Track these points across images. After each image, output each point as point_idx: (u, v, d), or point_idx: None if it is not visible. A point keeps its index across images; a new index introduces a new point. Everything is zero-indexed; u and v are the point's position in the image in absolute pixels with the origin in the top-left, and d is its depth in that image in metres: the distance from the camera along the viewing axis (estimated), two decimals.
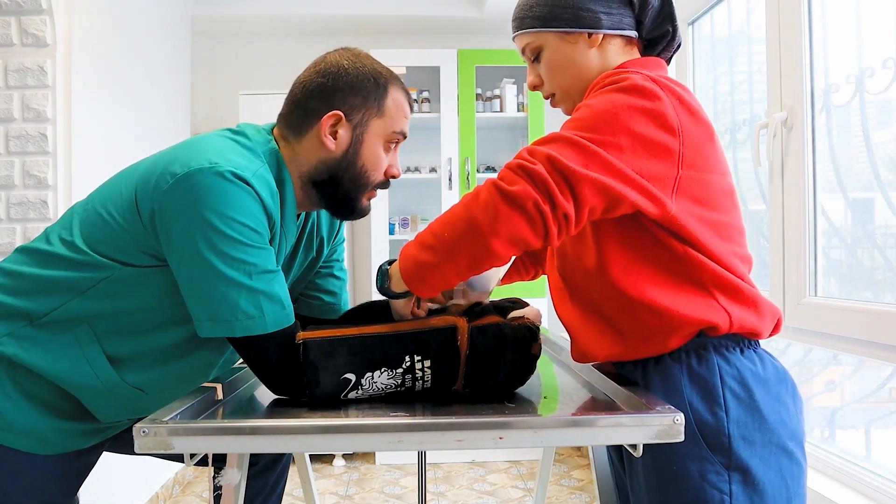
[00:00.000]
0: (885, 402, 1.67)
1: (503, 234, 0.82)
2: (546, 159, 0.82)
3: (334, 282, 1.32)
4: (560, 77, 1.01)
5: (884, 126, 1.54)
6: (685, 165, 0.87)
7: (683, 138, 0.86)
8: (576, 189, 0.81)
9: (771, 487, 0.87)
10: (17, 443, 1.01)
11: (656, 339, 0.90)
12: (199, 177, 0.92)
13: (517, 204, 0.81)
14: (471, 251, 0.85)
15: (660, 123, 0.85)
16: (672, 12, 1.01)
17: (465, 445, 0.82)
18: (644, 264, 0.90)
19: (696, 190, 0.88)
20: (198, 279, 0.93)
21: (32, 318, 1.01)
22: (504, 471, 3.10)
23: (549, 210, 0.81)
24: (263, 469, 1.31)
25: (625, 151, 0.83)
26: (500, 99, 3.36)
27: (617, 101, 0.85)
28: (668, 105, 0.86)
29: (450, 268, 0.88)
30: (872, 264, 1.61)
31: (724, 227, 0.91)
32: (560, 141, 0.84)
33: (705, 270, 0.88)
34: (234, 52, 3.68)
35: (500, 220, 0.82)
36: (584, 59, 0.99)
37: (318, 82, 1.07)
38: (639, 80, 0.87)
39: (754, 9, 2.00)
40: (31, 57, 1.98)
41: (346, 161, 1.08)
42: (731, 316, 0.89)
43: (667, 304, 0.88)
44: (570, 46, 0.99)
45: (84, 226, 1.03)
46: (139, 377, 1.06)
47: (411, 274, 0.91)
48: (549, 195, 0.81)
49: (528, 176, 0.82)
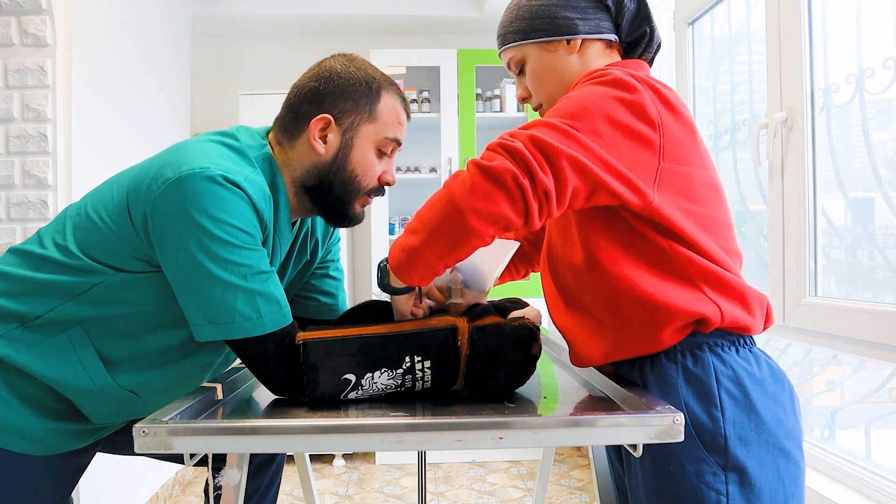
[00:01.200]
0: (885, 402, 1.67)
1: (481, 209, 0.82)
2: (527, 138, 0.83)
3: (330, 282, 1.32)
4: (545, 85, 1.03)
5: (884, 126, 1.54)
6: (666, 157, 0.87)
7: (663, 131, 0.87)
8: (556, 164, 0.81)
9: (768, 488, 0.87)
10: (10, 444, 1.01)
11: (648, 334, 0.90)
12: (191, 181, 0.92)
13: (496, 178, 0.81)
14: (450, 230, 0.85)
15: (639, 115, 0.86)
16: (648, 14, 1.03)
17: (465, 445, 0.82)
18: (631, 259, 0.90)
19: (679, 183, 0.89)
20: (193, 283, 0.93)
21: (25, 321, 1.01)
22: (504, 471, 3.10)
23: (528, 184, 0.81)
24: (257, 469, 1.31)
25: (604, 138, 0.84)
26: (500, 99, 3.36)
27: (596, 92, 0.87)
28: (647, 98, 0.87)
29: (431, 250, 0.87)
30: (872, 264, 1.61)
31: (709, 220, 0.91)
32: (541, 125, 0.85)
33: (691, 264, 0.89)
34: (234, 52, 3.68)
35: (478, 196, 0.81)
36: (566, 65, 1.01)
37: (311, 86, 1.07)
38: (619, 74, 0.89)
39: (754, 9, 2.00)
40: (31, 57, 1.98)
41: (335, 165, 1.07)
42: (721, 308, 0.88)
43: (656, 296, 0.88)
44: (551, 55, 1.01)
45: (77, 230, 1.02)
46: (133, 380, 1.06)
47: (399, 262, 0.92)
48: (528, 169, 0.81)
49: (507, 152, 0.82)
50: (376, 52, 3.18)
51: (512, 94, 3.33)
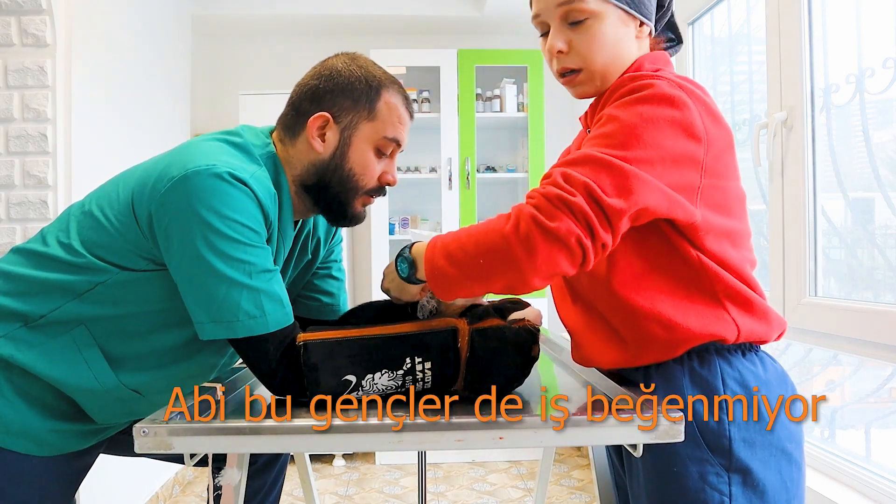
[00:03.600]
0: (885, 402, 1.67)
1: (543, 271, 0.81)
2: (584, 189, 0.80)
3: (332, 282, 1.31)
4: (602, 54, 0.93)
5: (884, 126, 1.54)
6: (707, 174, 0.86)
7: (708, 146, 0.86)
8: (614, 223, 0.81)
9: (771, 489, 0.87)
10: (14, 444, 1.01)
11: (663, 350, 0.90)
12: (197, 178, 0.92)
13: (560, 241, 0.79)
14: (507, 281, 0.84)
15: (688, 133, 0.84)
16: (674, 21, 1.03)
17: (465, 445, 0.82)
18: (656, 274, 0.89)
19: (715, 197, 0.88)
20: (198, 280, 0.93)
21: (28, 320, 1.00)
22: (504, 471, 3.10)
23: (590, 244, 0.80)
24: (261, 468, 1.31)
25: (655, 165, 0.82)
26: (500, 99, 3.35)
27: (645, 114, 0.84)
28: (695, 113, 0.85)
29: (481, 289, 0.87)
30: (872, 264, 1.61)
31: (737, 234, 0.91)
32: (592, 163, 0.82)
33: (719, 281, 0.88)
34: (234, 52, 3.68)
35: (541, 258, 0.80)
36: (628, 46, 0.96)
37: (312, 84, 1.07)
38: (665, 88, 0.85)
39: (754, 9, 2.00)
40: (31, 57, 1.98)
41: (333, 164, 1.07)
42: (741, 329, 0.88)
43: (677, 319, 0.87)
44: (623, 28, 0.95)
45: (81, 228, 1.02)
46: (137, 379, 1.06)
47: (437, 283, 0.89)
48: (590, 230, 0.80)
49: (569, 210, 0.79)
50: (376, 52, 3.18)
51: (512, 94, 3.32)
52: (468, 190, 3.24)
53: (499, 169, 3.55)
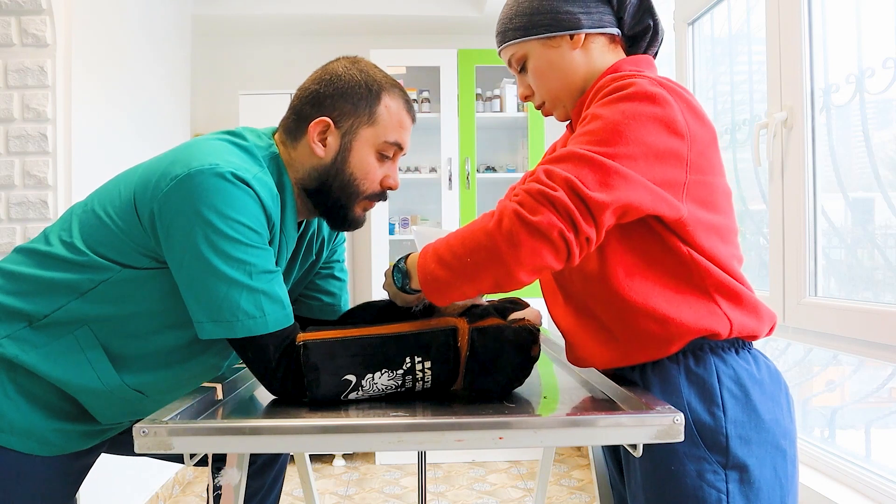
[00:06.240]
0: (885, 402, 1.67)
1: (528, 264, 0.82)
2: (565, 184, 0.81)
3: (334, 283, 1.32)
4: (548, 83, 1.01)
5: (884, 126, 1.54)
6: (692, 170, 0.87)
7: (691, 142, 0.87)
8: (597, 216, 0.81)
9: (766, 485, 0.88)
10: (17, 444, 1.01)
11: (656, 347, 0.90)
12: (200, 178, 0.92)
13: (542, 234, 0.80)
14: (495, 277, 0.85)
15: (671, 129, 0.85)
16: (651, 6, 1.02)
17: (465, 445, 0.82)
18: (648, 269, 0.90)
19: (702, 193, 0.89)
20: (198, 279, 0.93)
21: (32, 320, 1.01)
22: (504, 471, 3.10)
23: (573, 237, 0.81)
24: (261, 468, 1.31)
25: (638, 161, 0.83)
26: (500, 99, 3.36)
27: (627, 111, 0.85)
28: (677, 110, 0.86)
29: (471, 288, 0.88)
30: (872, 264, 1.61)
31: (724, 229, 0.92)
32: (575, 159, 0.83)
33: (709, 275, 0.89)
34: (234, 52, 3.68)
35: (525, 251, 0.81)
36: (569, 61, 0.99)
37: (312, 89, 1.07)
38: (647, 86, 0.86)
39: (754, 9, 2.00)
40: (31, 57, 1.98)
41: (334, 169, 1.07)
42: (733, 323, 0.89)
43: (669, 313, 0.88)
44: (553, 51, 0.99)
45: (84, 227, 1.02)
46: (141, 380, 1.06)
47: (430, 288, 0.91)
48: (573, 223, 0.80)
49: (550, 204, 0.80)
50: (376, 52, 3.18)
51: (512, 94, 3.33)
52: (468, 190, 3.24)
53: (499, 169, 3.55)
